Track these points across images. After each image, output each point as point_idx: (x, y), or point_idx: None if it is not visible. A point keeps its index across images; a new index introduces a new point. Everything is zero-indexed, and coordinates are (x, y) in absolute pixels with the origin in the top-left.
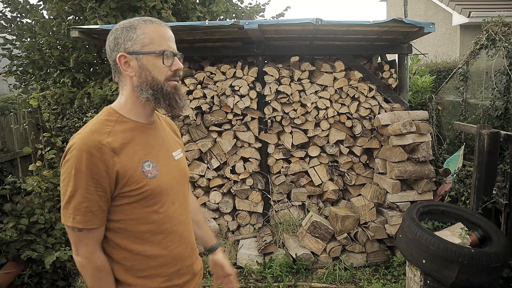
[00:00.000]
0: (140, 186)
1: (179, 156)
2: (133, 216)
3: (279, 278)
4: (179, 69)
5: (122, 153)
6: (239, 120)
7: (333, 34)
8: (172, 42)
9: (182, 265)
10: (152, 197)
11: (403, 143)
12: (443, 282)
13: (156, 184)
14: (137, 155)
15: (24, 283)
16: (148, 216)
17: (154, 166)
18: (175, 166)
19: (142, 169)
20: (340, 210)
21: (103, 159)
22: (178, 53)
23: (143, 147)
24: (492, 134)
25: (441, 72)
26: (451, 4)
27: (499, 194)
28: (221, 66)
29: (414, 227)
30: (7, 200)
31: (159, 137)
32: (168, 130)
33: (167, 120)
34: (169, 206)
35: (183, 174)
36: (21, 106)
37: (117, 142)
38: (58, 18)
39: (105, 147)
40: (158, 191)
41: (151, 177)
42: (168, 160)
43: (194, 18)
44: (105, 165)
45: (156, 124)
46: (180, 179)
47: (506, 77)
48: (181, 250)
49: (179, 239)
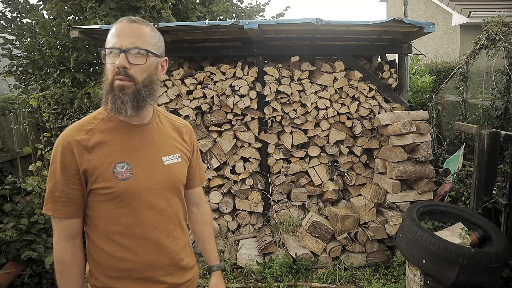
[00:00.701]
0: (108, 186)
1: (172, 161)
2: (104, 215)
3: (279, 278)
4: (119, 65)
5: (95, 152)
6: (239, 120)
7: (333, 34)
8: (122, 37)
9: (155, 273)
10: (121, 199)
11: (403, 143)
12: (443, 282)
13: (126, 187)
14: (111, 155)
15: (24, 283)
16: (118, 217)
17: (128, 168)
18: (161, 171)
19: (113, 170)
20: (340, 210)
21: (73, 154)
22: (127, 49)
23: (121, 148)
24: (492, 134)
25: (441, 72)
26: (451, 4)
27: (499, 194)
28: (221, 66)
29: (414, 227)
30: (7, 200)
31: (148, 139)
32: (169, 133)
33: (175, 122)
34: (142, 212)
35: (172, 180)
36: (21, 106)
37: (92, 140)
38: (58, 18)
39: (78, 143)
40: (128, 194)
41: (121, 179)
42: (153, 164)
43: (194, 18)
44: (75, 160)
45: (150, 125)
46: (166, 186)
47: (506, 77)
48: (154, 259)
49: (152, 246)
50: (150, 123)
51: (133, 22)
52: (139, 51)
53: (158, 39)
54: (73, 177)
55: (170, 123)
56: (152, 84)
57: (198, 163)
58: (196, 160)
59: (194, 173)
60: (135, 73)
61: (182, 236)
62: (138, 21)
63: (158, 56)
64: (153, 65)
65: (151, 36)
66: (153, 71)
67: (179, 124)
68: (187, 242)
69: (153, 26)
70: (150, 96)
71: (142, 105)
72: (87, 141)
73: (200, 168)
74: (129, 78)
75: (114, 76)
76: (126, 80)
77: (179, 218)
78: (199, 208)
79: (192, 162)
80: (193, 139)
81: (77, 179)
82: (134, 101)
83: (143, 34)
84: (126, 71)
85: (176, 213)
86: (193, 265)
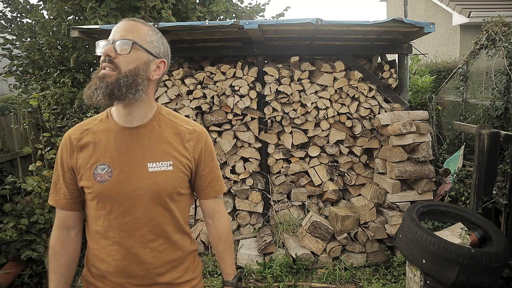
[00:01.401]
0: (89, 185)
1: (159, 168)
2: (90, 213)
3: (279, 278)
4: (104, 53)
5: (83, 151)
6: (239, 120)
7: (333, 34)
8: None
9: (126, 281)
10: (98, 200)
11: (403, 143)
12: (443, 282)
13: (102, 189)
14: (95, 157)
15: (24, 283)
16: (97, 217)
17: (108, 171)
18: (143, 178)
19: (94, 171)
20: (340, 210)
21: (68, 150)
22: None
23: (106, 150)
24: (492, 134)
25: (441, 72)
26: (451, 4)
27: (499, 194)
28: (221, 66)
29: (414, 227)
30: (7, 200)
31: (136, 142)
32: (165, 138)
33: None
34: (117, 216)
35: (154, 189)
36: (21, 106)
37: (84, 140)
38: (58, 18)
39: (72, 141)
40: (103, 196)
41: (99, 181)
42: (135, 170)
43: (194, 18)
44: (69, 156)
45: (143, 128)
46: (146, 193)
47: (506, 77)
48: (125, 266)
49: (126, 253)
50: (144, 126)
51: (132, 20)
52: (126, 41)
53: (155, 39)
54: (68, 172)
55: (173, 127)
56: (136, 78)
57: (211, 173)
58: (208, 170)
59: (206, 183)
60: (119, 62)
61: (170, 249)
62: (138, 20)
63: (151, 53)
64: (142, 60)
65: (145, 33)
66: (141, 65)
67: (184, 129)
68: (180, 257)
69: (154, 27)
70: (129, 89)
71: (117, 94)
72: (78, 141)
73: (215, 178)
74: (113, 66)
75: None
76: (110, 68)
77: (163, 229)
78: (214, 221)
79: (201, 172)
80: (201, 147)
81: (70, 175)
82: (108, 89)
83: (136, 29)
84: (111, 59)
85: (159, 224)
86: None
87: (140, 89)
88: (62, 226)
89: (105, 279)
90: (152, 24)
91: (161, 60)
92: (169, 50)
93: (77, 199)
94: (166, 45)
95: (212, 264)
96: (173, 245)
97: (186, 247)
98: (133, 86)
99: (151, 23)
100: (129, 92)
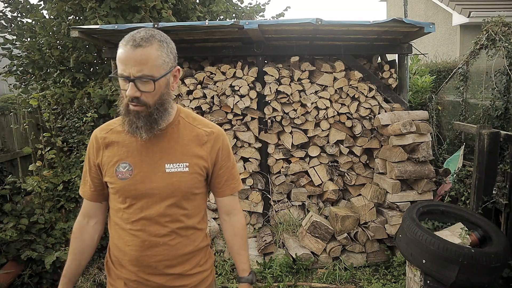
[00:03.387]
0: (111, 181)
1: (175, 169)
2: (112, 205)
3: (279, 278)
4: (130, 96)
5: (108, 149)
6: (239, 120)
7: (333, 34)
8: (129, 65)
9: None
10: (119, 195)
11: (403, 143)
12: (443, 282)
13: (123, 186)
14: (118, 155)
15: (24, 283)
16: (118, 210)
17: (129, 169)
18: (161, 177)
19: (116, 168)
20: (340, 210)
21: (95, 148)
22: (135, 78)
23: (127, 150)
24: (492, 134)
25: (441, 72)
26: (451, 4)
27: (499, 194)
28: (221, 66)
29: (414, 227)
30: (7, 200)
31: (155, 144)
32: (183, 141)
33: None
34: (135, 211)
35: (170, 189)
36: (21, 106)
37: (108, 139)
38: (58, 18)
39: (99, 139)
40: (123, 192)
41: (121, 178)
42: (153, 169)
43: (194, 18)
44: (95, 153)
45: (164, 132)
46: (162, 192)
47: (506, 77)
48: (140, 256)
49: (141, 245)
50: (164, 129)
51: (138, 47)
52: (147, 80)
53: (166, 53)
54: (93, 168)
55: (191, 130)
56: (164, 103)
57: (227, 172)
58: (224, 170)
59: (222, 182)
60: (146, 98)
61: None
62: (143, 43)
63: (167, 73)
64: (163, 85)
65: (157, 56)
66: (163, 90)
67: (202, 131)
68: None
69: (160, 40)
70: (162, 117)
71: (155, 127)
72: (104, 139)
73: (231, 177)
74: (141, 104)
75: (128, 101)
76: (139, 106)
77: (176, 225)
78: (231, 217)
79: (217, 172)
80: (218, 148)
81: (96, 170)
82: (147, 125)
83: (149, 58)
84: (138, 99)
85: (172, 220)
86: (196, 273)
87: (169, 107)
88: (85, 214)
89: (122, 267)
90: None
91: (176, 68)
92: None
93: (101, 191)
94: (172, 46)
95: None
96: (185, 240)
97: (198, 242)
98: (164, 113)
99: (151, 23)
100: (163, 119)
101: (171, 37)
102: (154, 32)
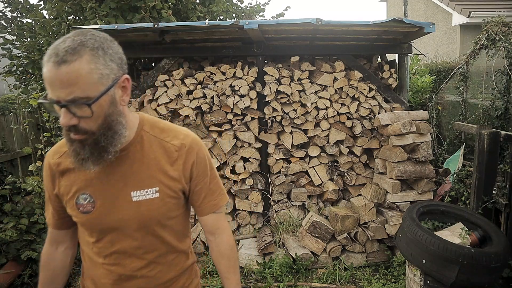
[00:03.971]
0: (74, 214)
1: (143, 197)
2: (81, 236)
3: (279, 278)
4: (64, 125)
5: (64, 178)
6: (239, 120)
7: (333, 34)
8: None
9: None
10: (85, 229)
11: (403, 143)
12: (443, 282)
13: (86, 220)
14: (76, 184)
15: (24, 283)
16: (87, 243)
17: (91, 201)
18: (128, 208)
19: (76, 201)
20: (340, 210)
21: (49, 176)
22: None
23: (85, 178)
24: (492, 134)
25: (441, 72)
26: (451, 4)
27: (499, 194)
28: (221, 66)
29: (414, 227)
30: (7, 200)
31: (116, 169)
32: (150, 161)
33: (166, 144)
34: (105, 245)
35: (140, 219)
36: (21, 106)
37: (63, 165)
38: (58, 18)
39: (52, 166)
40: (89, 227)
41: (83, 212)
42: (118, 200)
43: (194, 18)
44: (51, 182)
45: (125, 153)
46: (132, 224)
47: (506, 77)
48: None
49: (116, 279)
50: (125, 149)
51: (62, 64)
52: (81, 105)
53: (104, 63)
54: (53, 196)
55: (158, 145)
56: (112, 128)
57: (205, 188)
58: (201, 186)
59: (200, 200)
60: (86, 125)
61: (162, 272)
62: (68, 57)
63: (110, 87)
64: (106, 105)
65: (89, 71)
66: (108, 111)
67: (170, 146)
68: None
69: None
70: (112, 143)
71: (104, 156)
72: (58, 166)
73: (210, 193)
74: (81, 132)
75: (66, 130)
76: (80, 134)
77: (154, 255)
78: (215, 237)
79: (193, 189)
80: (191, 163)
81: (56, 199)
82: (94, 155)
83: (79, 76)
84: (76, 127)
85: (148, 251)
86: None
87: (121, 128)
88: (52, 241)
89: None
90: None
91: (124, 77)
92: (118, 50)
93: (66, 219)
94: (113, 51)
95: (212, 264)
96: (167, 268)
97: (181, 264)
98: (115, 136)
99: (151, 23)
100: (115, 143)
101: (171, 37)
102: (85, 38)
